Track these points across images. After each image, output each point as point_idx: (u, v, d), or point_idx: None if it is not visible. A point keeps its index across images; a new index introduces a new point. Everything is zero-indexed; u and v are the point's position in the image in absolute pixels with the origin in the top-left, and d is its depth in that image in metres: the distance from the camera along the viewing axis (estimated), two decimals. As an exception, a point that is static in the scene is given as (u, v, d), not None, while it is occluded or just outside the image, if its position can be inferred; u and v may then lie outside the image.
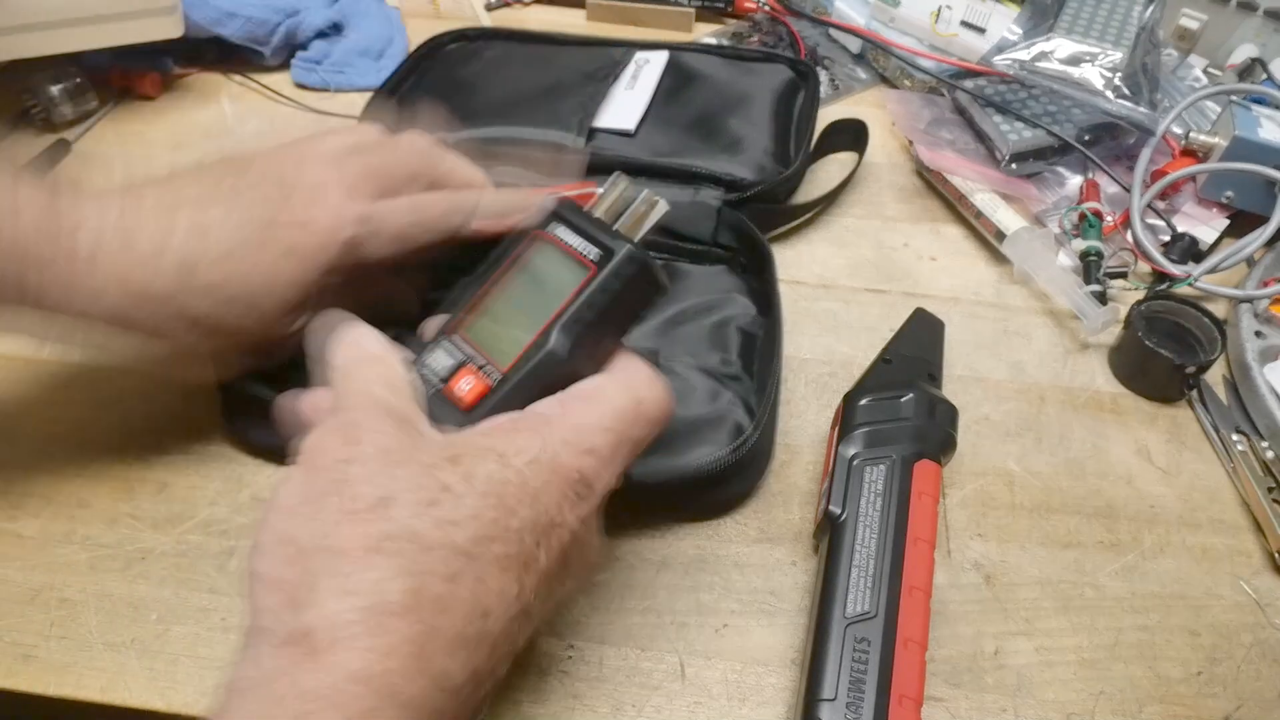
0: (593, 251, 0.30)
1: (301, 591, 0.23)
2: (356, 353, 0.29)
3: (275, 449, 0.39)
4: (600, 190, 0.33)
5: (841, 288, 0.54)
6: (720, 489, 0.42)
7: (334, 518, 0.23)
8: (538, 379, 0.30)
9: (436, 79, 0.63)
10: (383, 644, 0.22)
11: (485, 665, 0.24)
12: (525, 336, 0.30)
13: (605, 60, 0.62)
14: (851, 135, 0.62)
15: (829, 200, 0.58)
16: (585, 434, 0.27)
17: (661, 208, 0.32)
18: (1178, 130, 0.58)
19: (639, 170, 0.54)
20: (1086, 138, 0.60)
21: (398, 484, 0.24)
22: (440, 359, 0.31)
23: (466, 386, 0.30)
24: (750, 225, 0.51)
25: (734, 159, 0.55)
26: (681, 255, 0.53)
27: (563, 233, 0.31)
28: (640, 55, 0.63)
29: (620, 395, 0.29)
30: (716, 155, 0.55)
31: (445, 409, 0.30)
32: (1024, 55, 0.62)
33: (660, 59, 0.63)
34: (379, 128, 0.40)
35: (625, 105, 0.59)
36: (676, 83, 0.62)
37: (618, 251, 0.30)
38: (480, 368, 0.30)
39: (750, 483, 0.43)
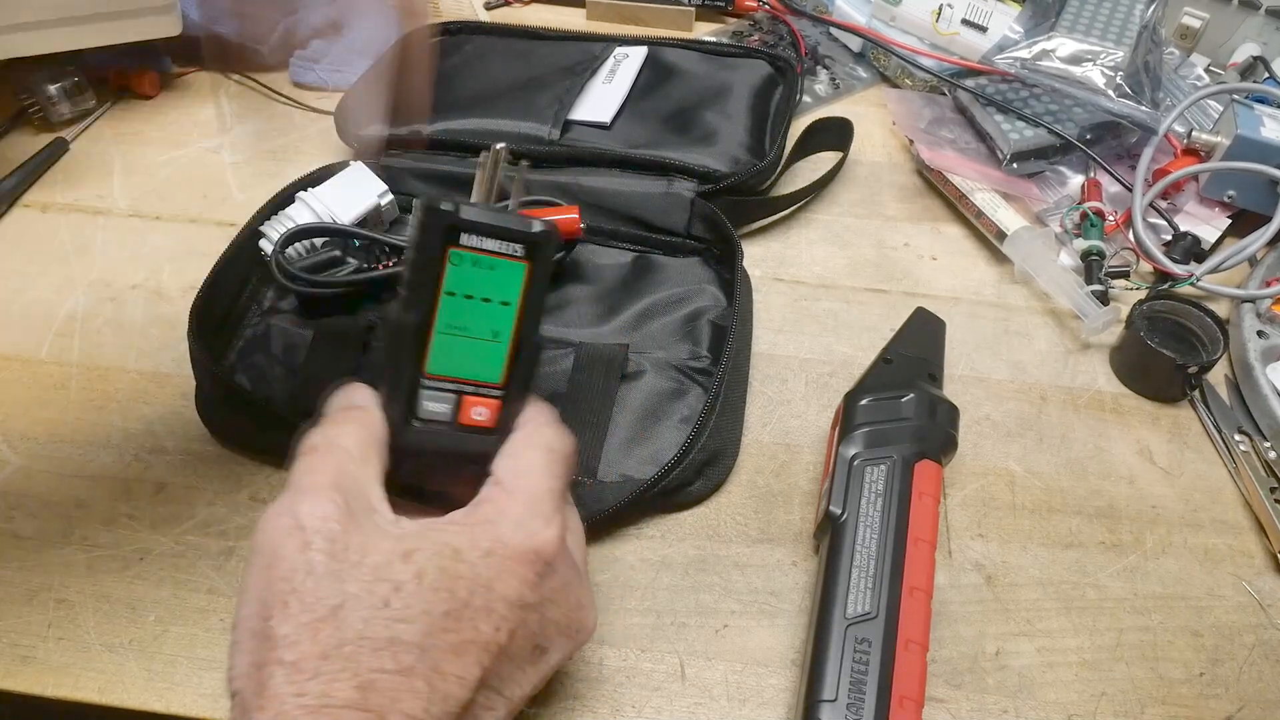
0: (515, 248, 0.32)
1: (254, 698, 0.24)
2: (343, 400, 0.31)
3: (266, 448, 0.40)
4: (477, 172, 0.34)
5: (841, 288, 0.54)
6: (677, 494, 0.42)
7: (288, 629, 0.25)
8: (529, 374, 0.33)
9: None
10: None
11: None
12: (500, 349, 0.32)
13: (584, 55, 0.62)
14: (837, 133, 0.62)
15: (808, 195, 0.58)
16: (531, 517, 0.29)
17: (524, 167, 0.34)
18: (1180, 129, 0.58)
19: (614, 162, 0.54)
20: (1088, 137, 0.60)
21: (350, 588, 0.25)
22: (432, 404, 0.31)
23: (481, 414, 0.31)
24: (721, 216, 0.51)
25: (708, 151, 0.55)
26: (655, 247, 0.53)
27: (474, 241, 0.32)
28: (620, 50, 0.63)
29: (539, 456, 0.30)
30: (691, 147, 0.55)
31: (471, 437, 0.31)
32: (1025, 54, 0.62)
33: (639, 54, 0.63)
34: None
35: (602, 98, 0.58)
36: (655, 77, 0.62)
37: (540, 240, 0.31)
38: (476, 392, 0.31)
39: (710, 484, 0.43)
